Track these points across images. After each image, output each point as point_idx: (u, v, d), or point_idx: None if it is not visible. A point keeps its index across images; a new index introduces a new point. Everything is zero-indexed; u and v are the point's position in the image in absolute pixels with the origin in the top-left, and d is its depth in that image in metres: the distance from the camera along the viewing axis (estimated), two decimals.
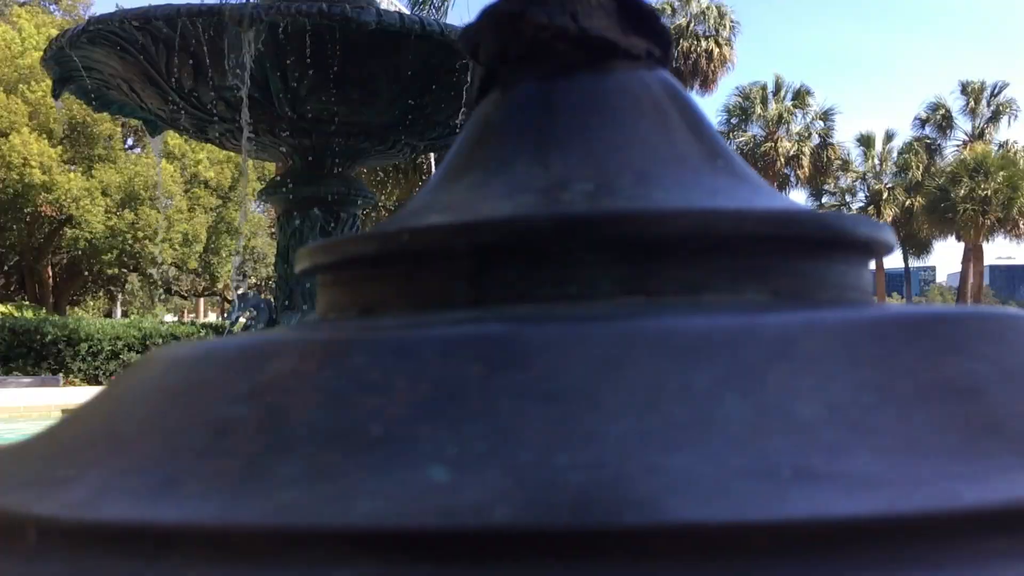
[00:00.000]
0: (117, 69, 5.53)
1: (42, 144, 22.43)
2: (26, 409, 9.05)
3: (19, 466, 0.37)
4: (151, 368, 0.42)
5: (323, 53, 5.03)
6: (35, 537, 0.29)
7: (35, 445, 0.40)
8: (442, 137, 6.45)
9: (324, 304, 0.49)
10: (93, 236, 23.32)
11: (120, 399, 0.39)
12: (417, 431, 0.28)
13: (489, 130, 0.51)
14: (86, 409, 0.42)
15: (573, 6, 0.51)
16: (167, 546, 0.26)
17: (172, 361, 0.40)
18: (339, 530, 0.24)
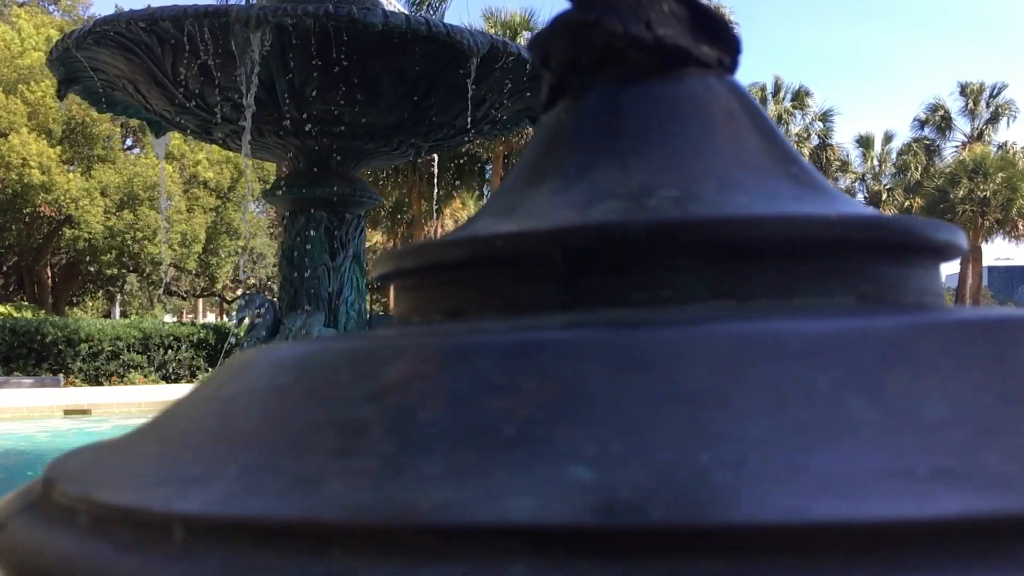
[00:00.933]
0: (122, 70, 5.53)
1: (41, 144, 22.40)
2: (28, 410, 9.05)
3: (136, 464, 0.38)
4: (256, 369, 0.43)
5: (329, 54, 5.04)
6: (183, 535, 0.30)
7: (141, 443, 0.41)
8: (446, 138, 6.47)
9: (405, 307, 0.50)
10: (92, 236, 23.28)
11: (230, 399, 0.40)
12: (551, 431, 0.29)
13: (564, 136, 0.52)
14: (187, 408, 0.43)
15: (647, 15, 0.52)
16: (326, 542, 0.27)
17: (278, 363, 0.41)
18: (499, 527, 0.25)
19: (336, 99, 5.45)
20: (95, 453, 0.44)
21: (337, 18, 4.91)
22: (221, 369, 0.49)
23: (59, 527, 0.35)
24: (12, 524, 0.38)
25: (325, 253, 6.04)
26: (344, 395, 0.35)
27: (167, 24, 5.00)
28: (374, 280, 0.57)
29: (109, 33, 5.13)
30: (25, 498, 0.42)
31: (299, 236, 6.07)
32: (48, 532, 0.35)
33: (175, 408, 0.46)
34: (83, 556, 0.32)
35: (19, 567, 0.35)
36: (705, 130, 0.49)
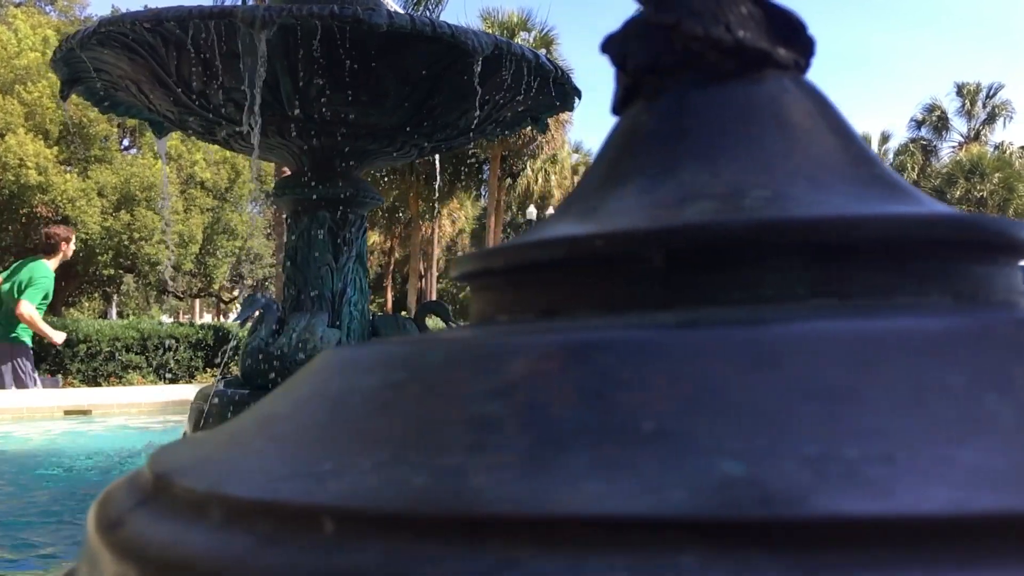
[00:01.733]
0: (126, 70, 5.53)
1: (38, 145, 22.38)
2: (29, 410, 9.03)
3: (256, 460, 0.38)
4: (358, 367, 0.43)
5: (333, 55, 5.04)
6: (333, 527, 0.31)
7: (250, 439, 0.42)
8: (449, 138, 6.47)
9: (489, 306, 0.51)
10: (89, 237, 23.26)
11: (342, 397, 0.41)
12: (690, 427, 0.30)
13: (644, 137, 0.52)
14: (291, 406, 0.44)
15: (726, 17, 0.53)
16: (487, 534, 0.28)
17: (386, 361, 0.42)
18: (663, 519, 0.26)
19: (340, 99, 5.46)
20: (198, 449, 0.44)
21: (342, 18, 4.92)
22: (312, 369, 0.50)
23: (188, 522, 0.35)
24: (131, 520, 0.39)
25: (328, 253, 6.04)
26: (467, 392, 0.36)
27: (171, 25, 5.00)
28: (454, 279, 0.58)
29: (113, 33, 5.13)
30: (134, 493, 0.42)
31: (302, 236, 6.07)
32: (177, 527, 0.35)
33: (272, 407, 0.46)
34: (223, 549, 0.32)
35: (147, 562, 0.35)
36: (788, 131, 0.50)
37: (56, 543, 4.09)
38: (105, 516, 0.42)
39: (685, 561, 0.25)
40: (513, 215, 36.09)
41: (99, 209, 23.21)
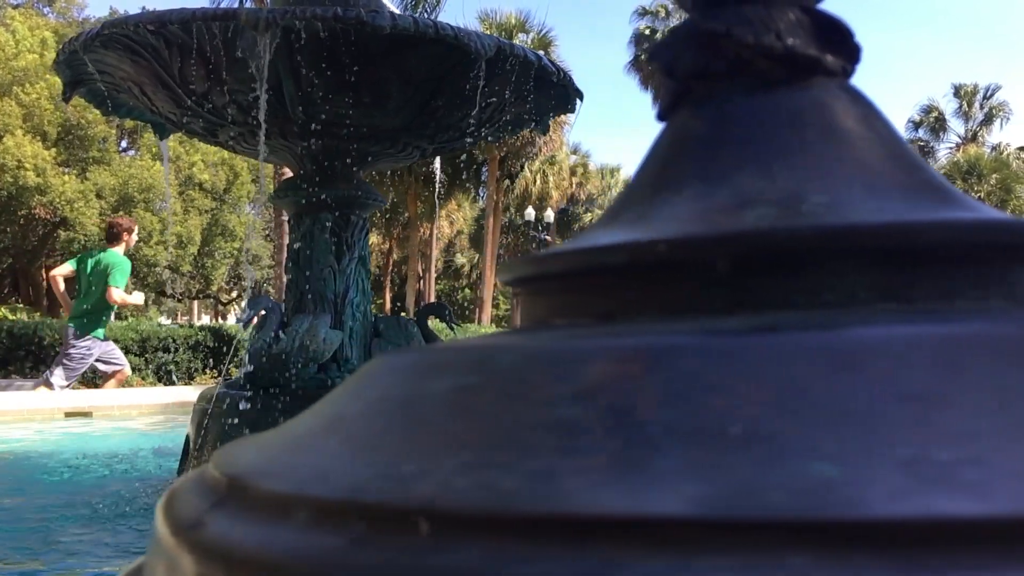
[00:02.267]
0: (129, 72, 5.53)
1: (36, 146, 22.36)
2: (29, 412, 9.03)
3: (333, 462, 0.39)
4: (426, 370, 0.44)
5: (336, 56, 5.04)
6: (428, 527, 0.31)
7: (321, 441, 0.43)
8: (451, 140, 6.47)
9: (543, 310, 0.52)
10: (87, 238, 23.23)
11: (413, 399, 0.42)
12: (780, 429, 0.31)
13: (696, 143, 0.53)
14: (360, 409, 0.45)
15: (776, 24, 0.54)
16: (587, 535, 0.28)
17: (456, 364, 0.43)
18: (766, 520, 0.27)
19: (343, 101, 5.46)
20: (265, 451, 0.45)
21: (345, 20, 4.92)
22: (371, 372, 0.51)
23: (273, 522, 0.36)
24: (212, 521, 0.40)
25: (331, 255, 6.04)
26: (547, 395, 0.36)
27: (175, 27, 5.01)
28: (505, 284, 0.58)
29: (116, 36, 5.14)
30: (206, 494, 0.43)
31: (305, 238, 6.08)
32: (263, 528, 0.36)
33: (337, 409, 0.47)
34: (315, 549, 0.33)
35: (236, 562, 0.36)
36: (840, 138, 0.50)
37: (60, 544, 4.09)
38: (180, 516, 0.42)
39: (793, 562, 0.26)
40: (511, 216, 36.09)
41: (97, 211, 23.19)
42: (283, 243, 14.94)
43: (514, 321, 39.42)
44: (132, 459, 6.59)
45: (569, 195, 36.13)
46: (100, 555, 3.94)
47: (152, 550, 0.45)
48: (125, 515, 4.66)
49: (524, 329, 0.53)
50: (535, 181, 32.32)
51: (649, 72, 35.41)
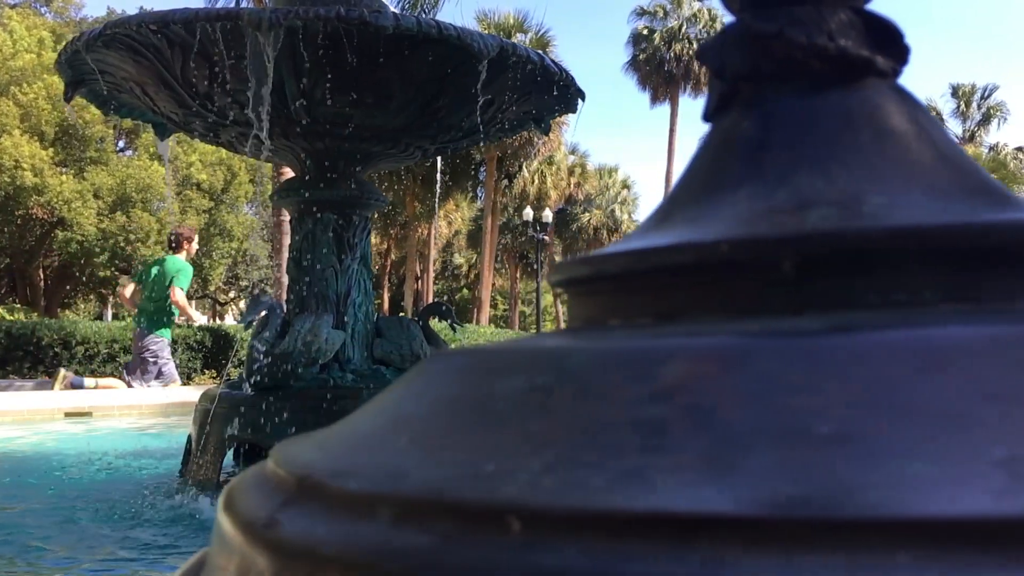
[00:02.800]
0: (131, 72, 5.53)
1: (33, 146, 22.33)
2: (29, 412, 9.03)
3: (405, 460, 0.39)
4: (492, 370, 0.44)
5: (339, 56, 5.05)
6: (519, 526, 0.32)
7: (389, 439, 0.43)
8: (453, 140, 6.48)
9: (597, 310, 0.52)
10: (85, 238, 23.21)
11: (483, 398, 0.42)
12: (869, 429, 0.31)
13: (749, 144, 0.53)
14: (425, 407, 0.45)
15: (828, 25, 0.54)
16: (690, 534, 0.29)
17: (528, 363, 0.43)
18: (869, 520, 0.27)
19: (345, 101, 5.46)
20: (331, 449, 0.45)
21: (348, 20, 4.92)
22: (431, 370, 0.51)
23: (354, 521, 0.36)
24: (287, 519, 0.40)
25: (332, 255, 6.05)
26: (626, 395, 0.37)
27: (178, 27, 5.01)
28: (555, 285, 0.59)
29: (119, 36, 5.14)
30: (274, 493, 0.43)
31: (307, 238, 6.08)
32: (344, 527, 0.36)
33: (400, 408, 0.47)
34: (406, 548, 0.33)
35: (320, 560, 0.36)
36: (894, 139, 0.51)
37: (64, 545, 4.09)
38: (249, 515, 0.43)
39: (898, 561, 0.26)
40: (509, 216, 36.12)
41: (95, 211, 23.16)
42: (283, 243, 14.93)
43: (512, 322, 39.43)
44: (133, 460, 6.59)
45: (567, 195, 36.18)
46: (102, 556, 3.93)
47: (218, 548, 0.45)
48: (127, 516, 4.66)
49: (579, 329, 0.53)
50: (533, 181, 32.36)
51: (647, 72, 35.44)
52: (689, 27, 34.86)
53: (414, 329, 6.23)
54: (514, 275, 42.05)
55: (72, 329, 14.45)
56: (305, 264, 5.94)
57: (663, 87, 35.31)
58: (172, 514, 4.71)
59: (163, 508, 4.81)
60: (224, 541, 0.45)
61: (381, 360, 6.08)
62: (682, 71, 34.41)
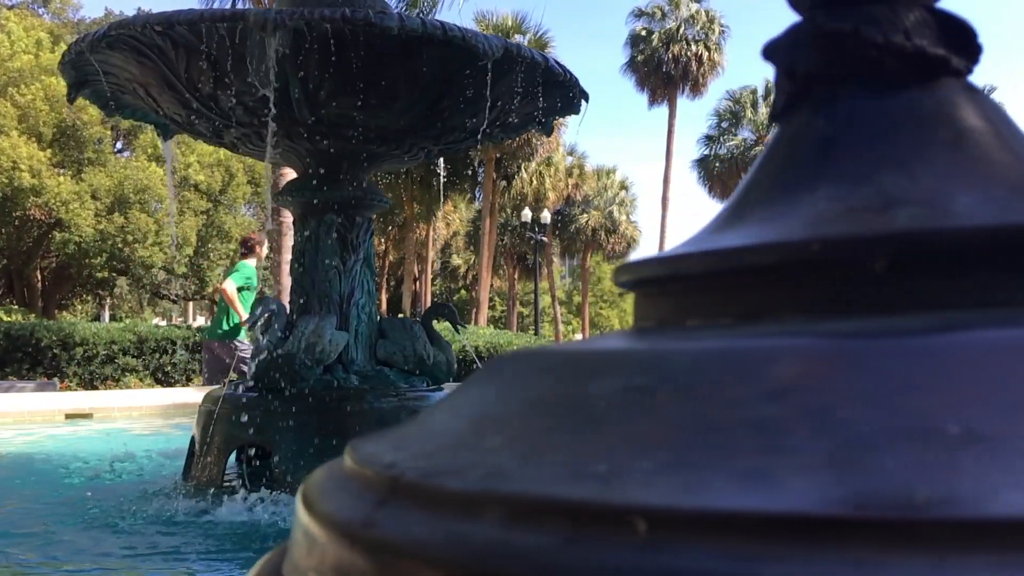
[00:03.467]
0: (134, 74, 5.52)
1: (31, 147, 22.29)
2: (30, 414, 9.01)
3: (500, 460, 0.39)
4: (580, 370, 0.44)
5: (344, 57, 5.04)
6: (645, 527, 0.31)
7: (476, 437, 0.43)
8: (457, 142, 6.47)
9: (673, 311, 0.52)
10: (82, 240, 23.17)
11: (571, 398, 0.42)
12: (999, 429, 0.31)
13: (825, 143, 0.53)
14: (507, 407, 0.45)
15: (904, 24, 0.54)
16: (831, 533, 0.28)
17: (622, 362, 0.43)
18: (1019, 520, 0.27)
19: (349, 102, 5.45)
20: (416, 448, 0.45)
21: (353, 21, 4.92)
22: (510, 371, 0.50)
23: (460, 521, 0.36)
24: (385, 519, 0.40)
25: (336, 256, 6.04)
26: (734, 395, 0.36)
27: (182, 28, 5.00)
28: (623, 286, 0.58)
29: (123, 37, 5.12)
30: (365, 492, 0.43)
31: (310, 239, 6.07)
32: (448, 527, 0.36)
33: (485, 408, 0.47)
34: (521, 549, 0.33)
35: (425, 561, 0.36)
36: (973, 137, 0.51)
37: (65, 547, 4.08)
38: (343, 515, 0.42)
39: None
40: (508, 217, 36.12)
41: (92, 212, 23.12)
42: (282, 244, 14.90)
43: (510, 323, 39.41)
44: (135, 461, 6.57)
45: (565, 196, 36.17)
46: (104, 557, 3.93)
47: (303, 549, 0.45)
48: (130, 517, 4.65)
49: (654, 330, 0.52)
50: (531, 182, 32.36)
51: (645, 74, 35.45)
52: (687, 28, 34.89)
53: (417, 330, 6.22)
54: (512, 276, 42.04)
55: (71, 330, 14.42)
56: (308, 265, 5.92)
57: (661, 88, 35.33)
58: (176, 516, 4.70)
59: (167, 511, 4.80)
60: (311, 541, 0.45)
61: (384, 361, 6.07)
62: (680, 72, 34.43)
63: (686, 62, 34.49)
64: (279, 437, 5.24)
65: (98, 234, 23.32)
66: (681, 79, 34.81)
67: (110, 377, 14.33)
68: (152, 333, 15.07)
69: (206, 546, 4.14)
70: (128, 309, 36.10)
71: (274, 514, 4.68)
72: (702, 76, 34.71)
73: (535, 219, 28.93)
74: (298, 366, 5.57)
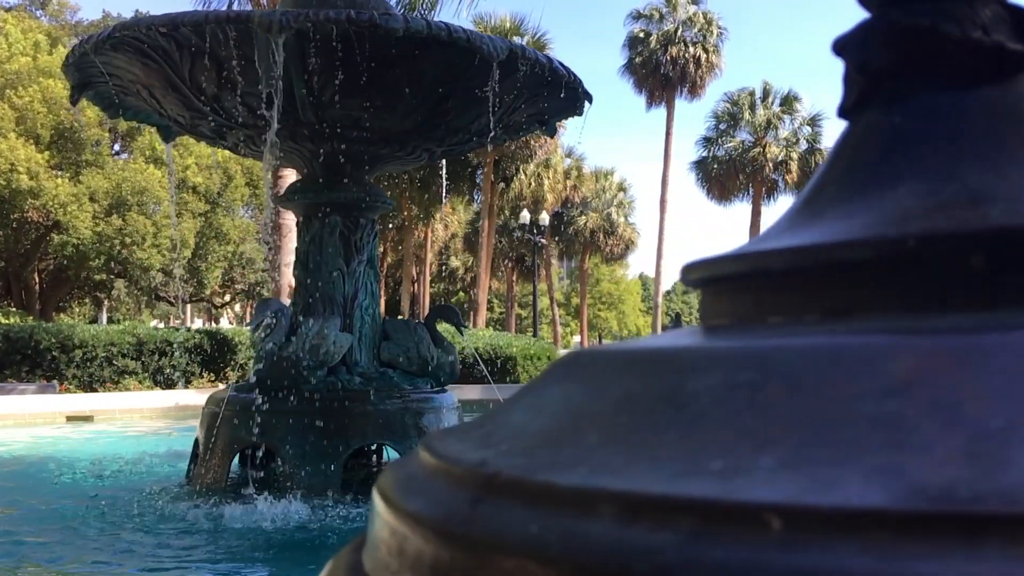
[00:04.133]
0: (138, 75, 5.52)
1: (29, 149, 22.26)
2: (31, 416, 8.99)
3: (602, 457, 0.38)
4: (674, 366, 0.44)
5: (348, 59, 5.03)
6: (779, 524, 0.31)
7: (570, 436, 0.42)
8: (460, 143, 6.47)
9: (751, 309, 0.52)
10: (80, 242, 23.13)
11: (668, 395, 0.41)
12: None
13: (902, 139, 0.53)
14: (598, 403, 0.44)
15: (981, 19, 0.53)
16: (981, 531, 0.28)
17: (714, 361, 0.42)
18: None
19: (354, 104, 5.45)
20: (502, 445, 0.45)
21: (359, 23, 4.91)
22: (592, 367, 0.50)
23: (573, 518, 0.36)
24: (486, 517, 0.39)
25: (340, 257, 6.03)
26: (850, 391, 0.36)
27: (187, 29, 4.99)
28: (694, 284, 0.58)
29: (127, 38, 5.12)
30: (457, 490, 0.42)
31: (314, 241, 6.06)
32: (560, 524, 0.36)
33: (570, 406, 0.47)
34: (648, 546, 0.33)
35: (535, 559, 0.35)
36: None
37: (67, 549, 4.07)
38: (438, 512, 0.42)
39: None
40: (506, 219, 36.12)
41: (90, 214, 23.07)
42: (282, 246, 14.86)
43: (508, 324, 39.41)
44: (137, 463, 6.56)
45: (564, 198, 36.20)
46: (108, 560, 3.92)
47: (394, 548, 0.44)
48: (136, 519, 4.64)
49: (735, 327, 0.52)
50: (530, 184, 32.36)
51: (643, 75, 35.48)
52: (685, 30, 34.92)
53: (421, 332, 6.22)
54: (511, 278, 42.06)
55: (70, 332, 14.36)
56: (312, 267, 5.91)
57: (659, 90, 35.36)
58: (182, 518, 4.68)
59: (170, 513, 4.79)
60: (400, 539, 0.44)
61: (388, 363, 6.06)
62: (678, 74, 34.46)
63: (684, 64, 34.52)
64: (283, 439, 5.23)
65: (96, 236, 23.27)
66: (679, 81, 34.84)
67: (109, 379, 14.29)
68: (151, 336, 15.04)
69: (214, 548, 4.13)
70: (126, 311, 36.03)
71: (279, 515, 4.67)
72: (700, 78, 34.74)
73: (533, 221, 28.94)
74: (302, 368, 5.56)
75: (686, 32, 35.01)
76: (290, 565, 3.95)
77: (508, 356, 15.41)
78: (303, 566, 3.93)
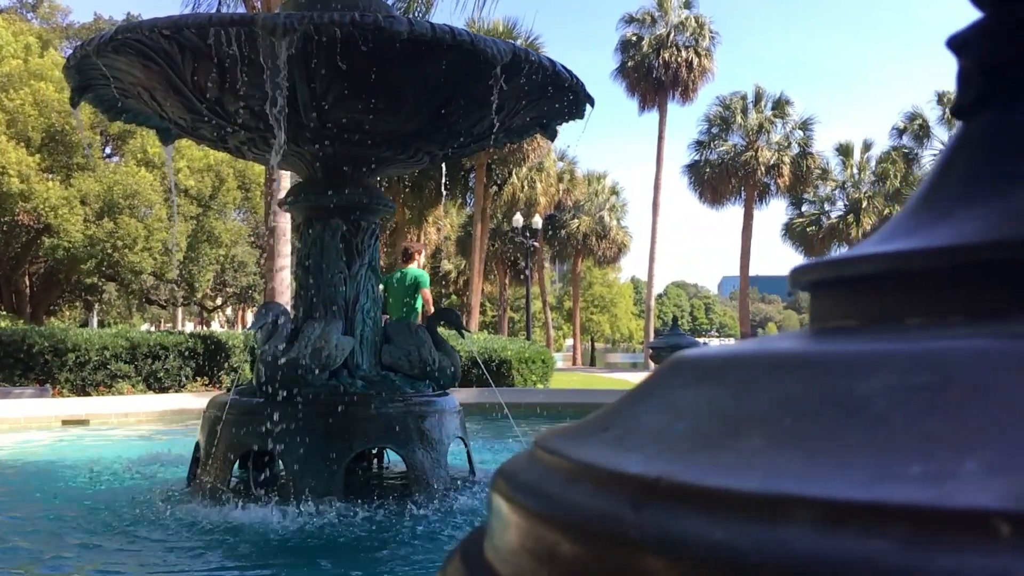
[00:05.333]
0: (139, 77, 5.48)
1: (20, 152, 22.14)
2: (26, 420, 8.93)
3: (761, 461, 0.38)
4: (832, 366, 0.43)
5: (352, 61, 5.01)
6: (1009, 530, 0.30)
7: (719, 440, 0.41)
8: (462, 146, 6.45)
9: (885, 309, 0.51)
10: (71, 245, 23.01)
11: (832, 399, 0.40)
12: None
13: None
14: (753, 406, 0.43)
15: None
16: None
17: (881, 363, 0.41)
18: None
19: (356, 106, 5.42)
20: (647, 448, 0.44)
21: (363, 26, 4.89)
22: (726, 368, 0.49)
23: (761, 525, 0.35)
24: (650, 522, 0.38)
25: (341, 261, 6.01)
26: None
27: (190, 32, 4.96)
28: (804, 285, 0.57)
29: (129, 40, 5.09)
30: (609, 494, 0.41)
31: (315, 244, 6.03)
32: (750, 530, 0.35)
33: (712, 409, 0.46)
34: (860, 554, 0.32)
35: (720, 566, 0.35)
36: None
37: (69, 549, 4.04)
38: (594, 518, 0.41)
39: None
40: (499, 222, 36.11)
41: (82, 217, 22.96)
42: (277, 249, 14.80)
43: (501, 328, 39.38)
44: (136, 467, 6.52)
45: (556, 201, 36.18)
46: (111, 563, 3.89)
47: (542, 554, 0.43)
48: (137, 523, 4.60)
49: (870, 328, 0.51)
50: (523, 187, 32.34)
51: (635, 79, 35.53)
52: (677, 34, 34.99)
53: (422, 335, 6.19)
54: (503, 281, 42.03)
55: (63, 336, 14.27)
56: (314, 270, 5.88)
57: (651, 94, 35.41)
58: (183, 522, 4.66)
59: (173, 516, 4.76)
60: (547, 545, 0.43)
61: (390, 366, 6.03)
62: (670, 78, 34.52)
63: (676, 68, 34.59)
64: (285, 442, 5.19)
65: (87, 239, 23.14)
66: (671, 85, 34.91)
67: (102, 383, 14.20)
68: (144, 339, 14.96)
69: (217, 553, 4.11)
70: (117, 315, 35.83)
71: (282, 518, 4.65)
72: (692, 82, 34.80)
73: (526, 224, 28.94)
74: (304, 371, 5.52)
75: (678, 36, 35.08)
76: (293, 570, 3.93)
77: (503, 359, 15.38)
78: (306, 570, 3.91)
